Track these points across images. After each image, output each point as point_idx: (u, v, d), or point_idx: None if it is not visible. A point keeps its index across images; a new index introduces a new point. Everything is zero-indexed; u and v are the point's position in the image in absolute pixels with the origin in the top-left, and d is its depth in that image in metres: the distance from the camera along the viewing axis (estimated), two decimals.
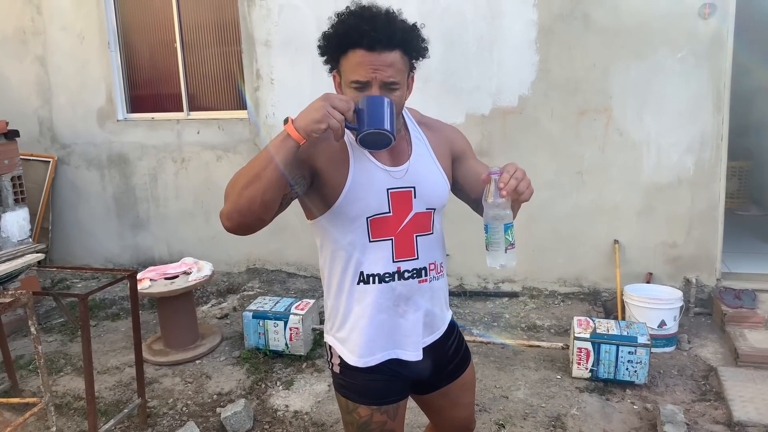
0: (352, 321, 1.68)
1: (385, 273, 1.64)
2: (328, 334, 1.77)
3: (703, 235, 4.45)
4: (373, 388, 1.71)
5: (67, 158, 5.85)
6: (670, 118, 4.37)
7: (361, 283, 1.64)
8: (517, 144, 4.67)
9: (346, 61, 1.52)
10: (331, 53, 1.56)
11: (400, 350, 1.71)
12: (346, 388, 1.73)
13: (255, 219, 1.46)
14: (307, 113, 1.38)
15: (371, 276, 1.64)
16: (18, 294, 2.49)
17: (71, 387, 3.69)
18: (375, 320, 1.66)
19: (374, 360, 1.69)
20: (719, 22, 4.16)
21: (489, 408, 3.29)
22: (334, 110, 1.38)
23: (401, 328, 1.69)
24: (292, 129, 1.39)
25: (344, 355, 1.71)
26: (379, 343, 1.68)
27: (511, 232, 1.52)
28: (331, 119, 1.37)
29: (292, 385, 3.61)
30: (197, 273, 4.02)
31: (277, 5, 4.99)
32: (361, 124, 1.46)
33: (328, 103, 1.38)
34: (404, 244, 1.65)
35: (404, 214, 1.63)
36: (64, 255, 6.00)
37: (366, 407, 1.70)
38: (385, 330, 1.68)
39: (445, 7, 4.61)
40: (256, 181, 1.40)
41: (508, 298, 4.81)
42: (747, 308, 4.06)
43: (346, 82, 1.53)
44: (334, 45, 1.54)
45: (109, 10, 5.50)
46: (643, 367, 3.40)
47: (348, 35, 1.49)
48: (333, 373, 1.77)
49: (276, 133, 5.33)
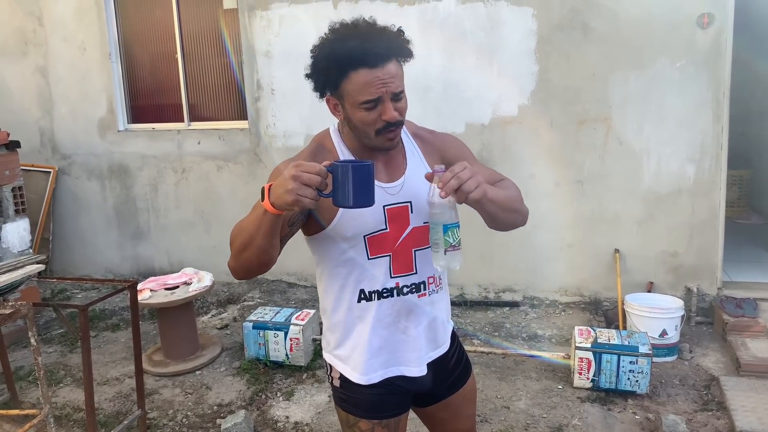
0: (354, 339, 1.66)
1: (383, 289, 1.63)
2: (327, 351, 1.75)
3: (703, 244, 4.45)
4: (375, 402, 1.69)
5: (67, 169, 5.86)
6: (669, 127, 4.38)
7: (363, 300, 1.63)
8: (517, 153, 4.68)
9: (350, 84, 1.47)
10: (329, 78, 1.50)
11: (404, 367, 1.69)
12: (347, 402, 1.71)
13: (258, 272, 1.51)
14: (279, 192, 1.32)
15: (372, 293, 1.63)
16: (18, 305, 2.49)
17: (71, 398, 3.67)
18: (377, 337, 1.65)
19: (377, 377, 1.68)
20: (718, 32, 4.18)
21: (490, 419, 3.27)
22: (305, 188, 1.31)
23: (404, 344, 1.68)
24: (268, 204, 1.35)
25: (346, 372, 1.69)
26: (381, 359, 1.67)
27: (453, 233, 1.46)
28: (303, 199, 1.31)
29: (293, 396, 3.60)
30: (197, 283, 4.02)
31: (278, 16, 5.02)
32: (340, 193, 1.36)
33: (298, 182, 1.30)
34: (402, 259, 1.63)
35: (402, 229, 1.62)
36: (65, 265, 6.00)
37: (367, 421, 1.69)
38: (388, 347, 1.67)
39: (444, 18, 4.63)
40: (249, 247, 1.43)
41: (509, 307, 4.80)
42: (748, 317, 4.05)
43: (354, 103, 1.49)
44: (334, 70, 1.48)
45: (110, 21, 5.53)
46: (645, 376, 3.39)
47: (350, 57, 1.45)
48: (333, 387, 1.75)
49: (277, 143, 5.30)
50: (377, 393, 1.68)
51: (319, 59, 1.51)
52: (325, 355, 1.77)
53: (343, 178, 1.35)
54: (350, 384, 1.69)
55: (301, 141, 5.12)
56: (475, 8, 4.58)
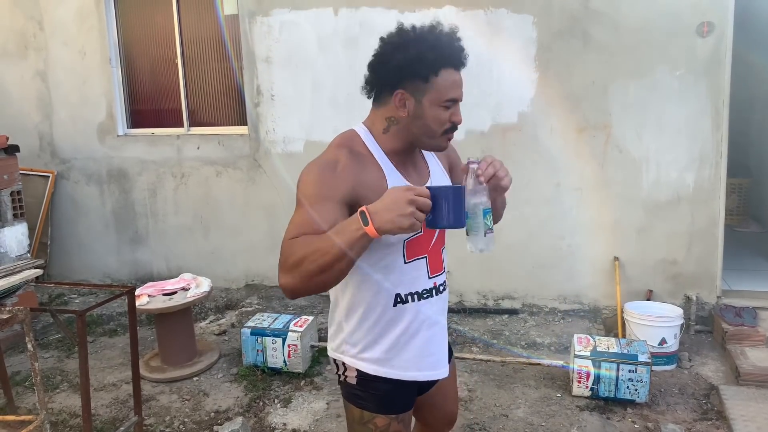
0: (389, 342, 1.67)
1: (423, 290, 1.67)
2: (349, 355, 1.72)
3: (703, 252, 4.44)
4: (392, 398, 1.72)
5: (66, 173, 5.85)
6: (669, 135, 4.38)
7: (399, 304, 1.65)
8: (516, 161, 4.67)
9: (440, 79, 1.52)
10: (419, 70, 1.51)
11: (430, 371, 1.75)
12: (364, 399, 1.72)
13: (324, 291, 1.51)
14: (390, 217, 1.34)
15: (409, 295, 1.65)
16: (15, 310, 2.47)
17: (67, 404, 3.65)
18: (415, 339, 1.68)
19: (410, 377, 1.71)
20: (717, 40, 4.18)
21: (489, 427, 3.26)
22: (419, 212, 1.36)
23: (439, 341, 1.76)
24: (372, 230, 1.35)
25: (371, 370, 1.69)
26: (417, 360, 1.70)
27: (490, 218, 1.56)
28: (417, 223, 1.36)
29: (290, 403, 3.58)
30: (195, 289, 4.01)
31: (278, 22, 5.02)
32: (438, 214, 1.43)
33: (414, 206, 1.35)
34: (435, 259, 1.70)
35: (433, 230, 1.66)
36: (63, 270, 5.98)
37: (384, 417, 1.70)
38: (427, 347, 1.71)
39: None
40: (327, 270, 1.38)
41: (507, 315, 4.79)
42: (748, 326, 4.04)
43: (437, 100, 1.54)
44: (428, 62, 1.50)
45: (110, 26, 5.53)
46: (644, 385, 3.38)
47: (443, 54, 1.51)
48: (346, 384, 1.75)
49: (276, 149, 5.27)
50: (396, 389, 1.71)
51: (409, 50, 1.51)
52: (338, 356, 1.75)
53: (444, 200, 1.42)
54: (370, 381, 1.69)
55: (300, 147, 5.12)
56: (476, 16, 4.58)
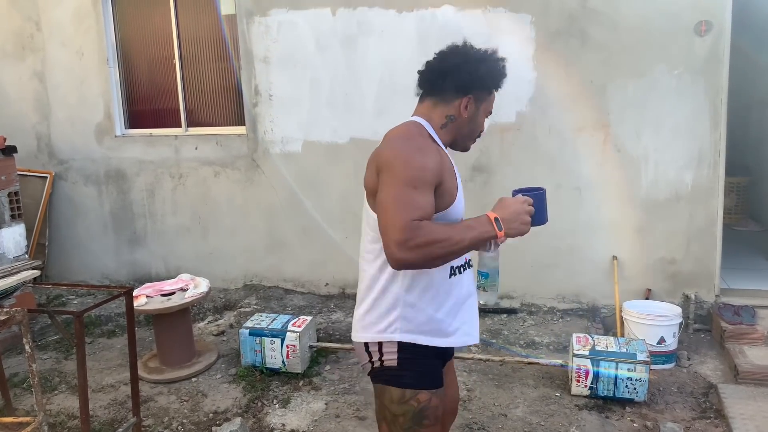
0: (445, 311, 1.82)
1: (462, 264, 1.87)
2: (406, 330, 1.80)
3: (701, 251, 4.45)
4: (434, 373, 1.84)
5: (64, 174, 5.84)
6: (667, 134, 4.38)
7: (453, 275, 1.83)
8: (515, 160, 4.68)
9: (492, 96, 1.89)
10: (485, 84, 1.85)
11: (475, 335, 1.93)
12: (406, 378, 1.79)
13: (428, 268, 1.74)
14: (516, 225, 1.69)
15: (457, 268, 1.85)
16: (13, 311, 2.47)
17: (65, 405, 3.65)
18: (463, 306, 1.87)
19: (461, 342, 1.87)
20: (715, 39, 4.19)
21: (487, 426, 3.26)
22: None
23: (473, 309, 1.93)
24: (502, 235, 1.67)
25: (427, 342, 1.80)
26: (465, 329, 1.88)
27: None
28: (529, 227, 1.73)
29: (289, 404, 3.57)
30: (194, 290, 4.00)
31: (276, 22, 5.02)
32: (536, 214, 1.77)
33: (528, 215, 1.72)
34: None
35: None
36: (61, 271, 5.97)
37: (426, 392, 1.79)
38: (470, 314, 1.90)
39: (443, 25, 4.63)
40: (449, 256, 1.66)
41: (506, 314, 4.78)
42: (746, 324, 4.05)
43: (486, 110, 1.90)
44: (493, 80, 1.85)
45: (108, 26, 5.53)
46: (643, 384, 3.38)
47: (501, 76, 1.86)
48: (383, 369, 1.82)
49: (274, 149, 5.26)
50: (436, 364, 1.86)
51: (489, 66, 1.84)
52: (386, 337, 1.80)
53: (540, 203, 1.78)
54: (412, 358, 1.80)
55: (298, 147, 5.11)
56: (474, 15, 4.58)
